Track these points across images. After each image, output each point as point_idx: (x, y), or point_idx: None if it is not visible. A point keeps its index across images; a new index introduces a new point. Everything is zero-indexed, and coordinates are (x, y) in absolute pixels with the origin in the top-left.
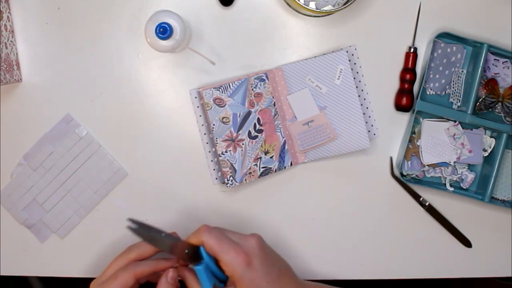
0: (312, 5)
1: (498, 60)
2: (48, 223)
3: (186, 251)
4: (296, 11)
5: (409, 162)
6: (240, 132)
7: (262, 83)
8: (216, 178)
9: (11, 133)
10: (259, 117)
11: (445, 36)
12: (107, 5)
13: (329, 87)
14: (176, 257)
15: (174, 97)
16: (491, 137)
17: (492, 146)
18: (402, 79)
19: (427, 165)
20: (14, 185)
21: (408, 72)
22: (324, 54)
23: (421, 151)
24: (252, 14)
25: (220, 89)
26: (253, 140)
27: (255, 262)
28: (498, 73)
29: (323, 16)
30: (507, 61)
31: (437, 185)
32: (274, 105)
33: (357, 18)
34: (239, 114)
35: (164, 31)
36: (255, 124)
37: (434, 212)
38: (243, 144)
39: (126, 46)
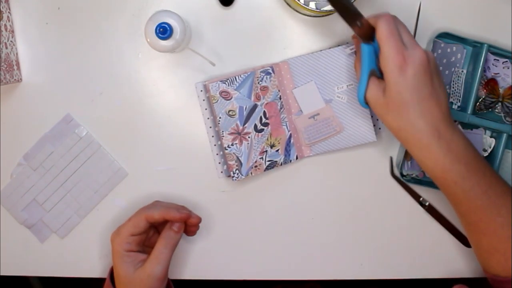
0: (312, 5)
1: (498, 60)
2: (48, 223)
3: (358, 23)
4: (296, 11)
5: (409, 162)
6: (246, 125)
7: (268, 76)
8: (222, 172)
9: (11, 133)
10: (265, 110)
11: (445, 36)
12: (107, 5)
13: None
14: (348, 24)
15: (174, 97)
16: (491, 137)
17: (492, 146)
18: None
19: None
20: (14, 185)
21: None
22: (330, 47)
23: None
24: (252, 14)
25: (227, 82)
26: (259, 134)
27: (409, 71)
28: (498, 73)
29: (323, 16)
30: (507, 61)
31: None
32: (280, 98)
33: None
34: (245, 107)
35: (164, 31)
36: (261, 117)
37: (434, 212)
38: (249, 137)
39: (126, 46)
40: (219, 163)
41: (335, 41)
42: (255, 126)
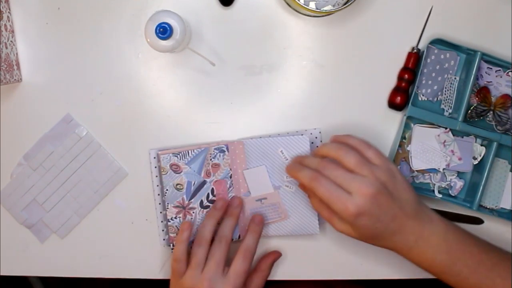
0: (312, 5)
1: (491, 68)
2: (48, 223)
3: None
4: (296, 11)
5: (399, 167)
6: (192, 200)
7: (221, 154)
8: (164, 239)
9: (11, 133)
10: (214, 187)
11: (439, 43)
12: (107, 5)
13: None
14: None
15: (174, 97)
16: (481, 145)
17: (482, 155)
18: (400, 78)
19: (416, 170)
20: (14, 185)
21: (407, 71)
22: (288, 134)
23: (410, 156)
24: (252, 14)
25: (178, 156)
26: (204, 210)
27: (363, 219)
28: (490, 82)
29: (323, 16)
30: (500, 70)
31: (425, 191)
32: (231, 177)
33: (357, 18)
34: (194, 183)
35: (164, 31)
36: (208, 194)
37: None
38: (193, 212)
39: (126, 46)
40: (162, 230)
41: (334, 41)
42: (201, 202)
